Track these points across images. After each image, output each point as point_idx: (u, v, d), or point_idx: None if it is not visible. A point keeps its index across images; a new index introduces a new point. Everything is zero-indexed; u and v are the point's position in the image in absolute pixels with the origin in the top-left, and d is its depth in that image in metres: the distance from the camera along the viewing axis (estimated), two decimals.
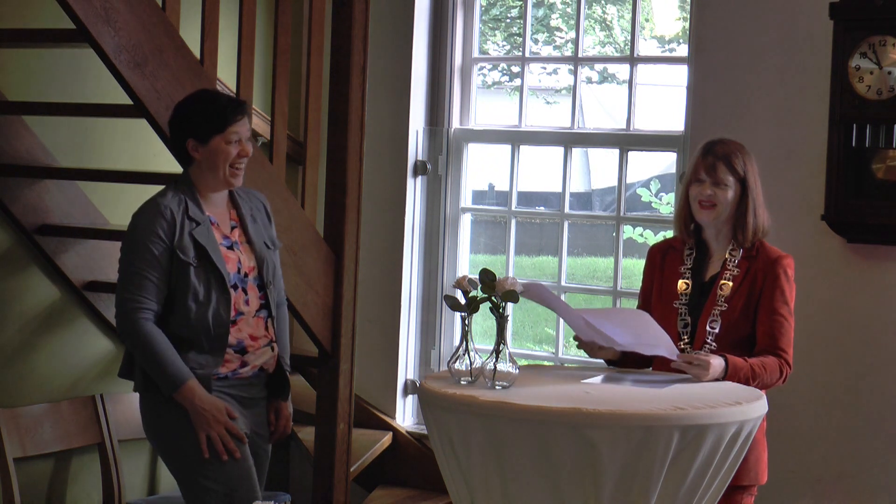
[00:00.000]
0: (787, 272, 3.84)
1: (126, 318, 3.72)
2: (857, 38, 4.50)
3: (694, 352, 3.78)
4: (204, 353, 3.76)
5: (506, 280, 3.52)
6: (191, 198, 3.80)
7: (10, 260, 4.73)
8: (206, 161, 3.80)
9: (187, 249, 3.74)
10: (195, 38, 4.36)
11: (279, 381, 4.01)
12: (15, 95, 4.67)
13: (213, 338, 3.76)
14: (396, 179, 5.61)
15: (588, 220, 7.92)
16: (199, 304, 3.74)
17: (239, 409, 3.84)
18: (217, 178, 3.82)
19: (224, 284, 3.78)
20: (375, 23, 4.99)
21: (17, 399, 4.72)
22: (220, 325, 3.76)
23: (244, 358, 3.85)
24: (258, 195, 4.05)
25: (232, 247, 3.86)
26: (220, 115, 3.78)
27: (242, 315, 3.83)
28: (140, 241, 3.73)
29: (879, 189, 4.51)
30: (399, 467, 5.59)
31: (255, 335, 3.87)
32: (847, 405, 4.72)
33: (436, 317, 5.67)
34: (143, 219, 3.76)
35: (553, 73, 9.90)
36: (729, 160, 3.83)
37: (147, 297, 3.72)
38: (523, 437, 3.28)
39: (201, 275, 3.75)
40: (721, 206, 3.83)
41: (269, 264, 3.93)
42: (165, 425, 3.79)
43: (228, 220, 3.90)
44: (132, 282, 3.72)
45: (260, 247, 3.92)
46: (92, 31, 3.95)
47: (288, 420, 4.05)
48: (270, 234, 4.01)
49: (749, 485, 3.78)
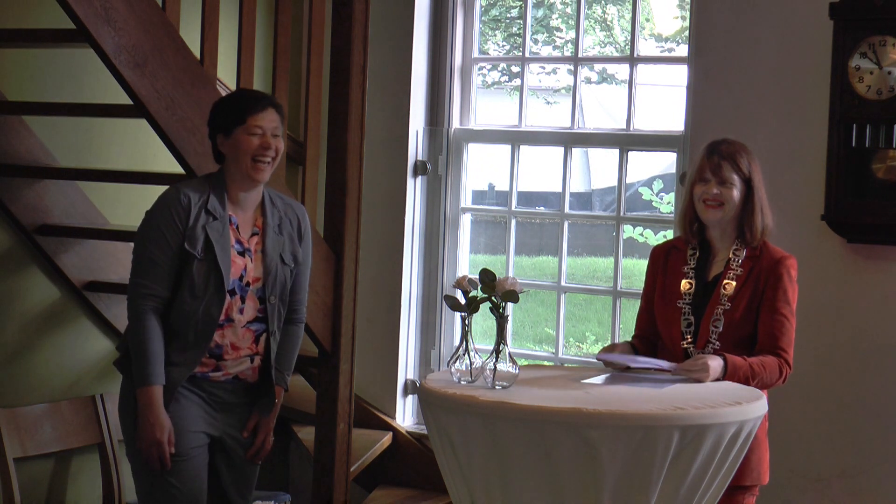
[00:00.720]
0: (791, 273, 3.84)
1: (133, 302, 3.73)
2: (857, 38, 4.50)
3: (696, 352, 3.79)
4: (186, 350, 3.74)
5: (506, 280, 3.53)
6: (216, 192, 3.78)
7: (10, 260, 4.73)
8: (231, 154, 3.79)
9: (196, 241, 3.72)
10: (195, 38, 4.36)
11: (265, 395, 3.91)
12: (15, 95, 4.67)
13: (198, 333, 3.74)
14: (396, 179, 5.61)
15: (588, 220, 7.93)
16: (195, 297, 3.72)
17: (210, 411, 3.81)
18: (241, 171, 3.78)
19: (222, 285, 3.75)
20: (375, 23, 4.99)
21: (17, 399, 4.72)
22: (208, 323, 3.74)
23: (221, 363, 3.81)
24: (298, 208, 3.98)
25: (244, 253, 3.81)
26: (241, 107, 3.78)
27: (231, 322, 3.78)
28: (155, 226, 3.73)
29: (879, 189, 4.51)
30: (399, 467, 5.58)
31: (238, 346, 3.81)
32: (848, 405, 4.71)
33: (436, 317, 5.67)
34: (160, 205, 3.76)
35: (552, 72, 9.91)
36: (734, 159, 3.84)
37: (156, 282, 3.71)
38: (523, 437, 3.28)
39: (202, 269, 3.73)
40: (728, 205, 3.84)
41: (275, 278, 3.84)
42: (130, 408, 3.79)
43: (251, 226, 3.85)
44: (143, 266, 3.74)
45: (272, 259, 3.85)
46: (92, 31, 3.95)
47: (266, 436, 3.92)
48: (294, 249, 3.92)
49: (751, 485, 3.78)
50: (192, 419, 3.77)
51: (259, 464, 3.96)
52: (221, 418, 3.85)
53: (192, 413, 3.77)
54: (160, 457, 3.70)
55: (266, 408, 3.91)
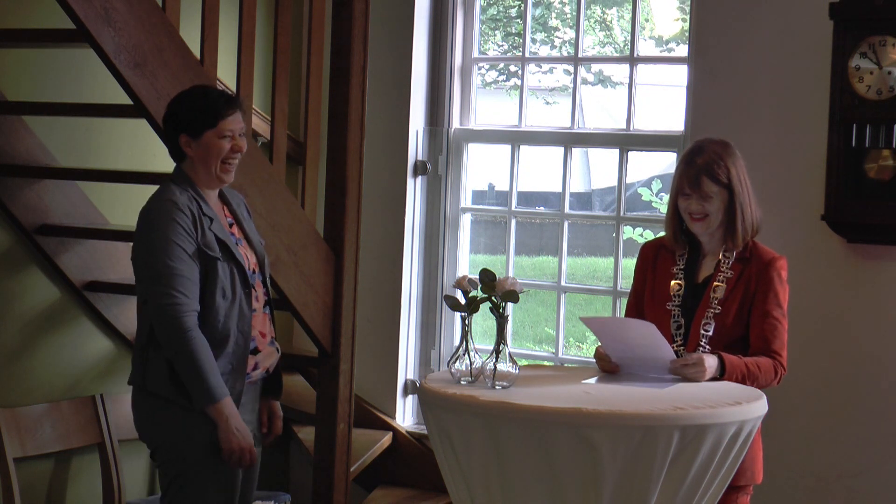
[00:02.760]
0: (781, 274, 3.84)
1: (173, 323, 3.59)
2: (857, 38, 4.50)
3: (686, 354, 3.78)
4: (228, 355, 3.70)
5: (506, 280, 3.53)
6: (196, 194, 3.75)
7: (10, 260, 4.73)
8: (199, 157, 3.74)
9: (212, 244, 3.69)
10: (195, 38, 4.36)
11: (274, 380, 4.00)
12: (15, 95, 4.67)
13: (241, 331, 3.72)
14: (396, 179, 5.61)
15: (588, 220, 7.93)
16: (227, 300, 3.70)
17: (248, 414, 3.83)
18: (209, 173, 3.76)
19: (246, 278, 3.75)
20: (375, 23, 4.99)
21: (17, 399, 4.72)
22: (244, 322, 3.74)
23: (256, 359, 3.83)
24: (237, 193, 4.00)
25: (237, 243, 3.84)
26: (212, 110, 3.72)
27: (254, 311, 3.81)
28: (167, 238, 3.61)
29: (880, 189, 4.51)
30: (399, 467, 5.58)
31: (264, 331, 3.86)
32: (846, 405, 4.72)
33: (436, 317, 5.68)
34: (162, 217, 3.65)
35: (549, 71, 9.90)
36: (711, 171, 3.79)
37: (189, 296, 3.61)
38: (523, 436, 3.28)
39: (226, 270, 3.72)
40: (711, 217, 3.82)
41: (265, 259, 3.92)
42: (162, 425, 3.74)
43: (225, 217, 3.88)
44: (169, 283, 3.59)
45: (257, 243, 3.91)
46: (92, 31, 3.95)
47: (281, 419, 4.04)
48: (255, 229, 3.99)
49: (745, 484, 3.78)
50: None
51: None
52: (248, 420, 3.86)
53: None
54: (249, 456, 3.71)
55: (277, 390, 3.99)
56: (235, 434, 3.65)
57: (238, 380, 3.74)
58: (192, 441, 3.70)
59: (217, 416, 3.64)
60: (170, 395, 3.68)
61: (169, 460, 3.77)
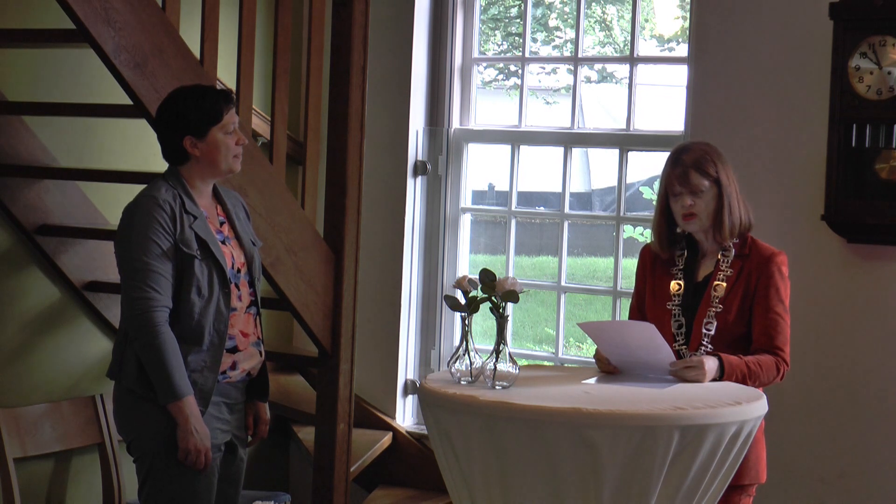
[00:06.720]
0: (781, 269, 3.84)
1: (142, 317, 3.64)
2: (857, 38, 4.50)
3: (689, 354, 3.78)
4: (202, 352, 3.74)
5: (506, 280, 3.53)
6: (183, 192, 3.77)
7: (10, 260, 4.73)
8: (206, 155, 3.77)
9: (190, 242, 3.71)
10: (195, 38, 4.36)
11: (260, 383, 3.98)
12: (15, 95, 4.67)
13: (216, 330, 3.74)
14: (396, 179, 5.61)
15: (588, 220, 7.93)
16: (202, 298, 3.72)
17: (222, 417, 3.82)
18: (218, 169, 3.79)
19: (225, 277, 3.76)
20: (375, 23, 4.99)
21: (17, 399, 4.72)
22: (221, 318, 3.75)
23: (234, 358, 3.83)
24: (235, 194, 4.02)
25: (224, 241, 3.85)
26: (215, 107, 3.76)
27: (235, 311, 3.81)
28: (144, 235, 3.66)
29: (880, 189, 4.51)
30: (399, 467, 5.59)
31: (246, 332, 3.86)
32: (847, 404, 4.72)
33: (436, 317, 5.68)
34: (141, 214, 3.69)
35: (552, 72, 9.90)
36: (699, 166, 3.80)
37: (161, 292, 3.65)
38: (523, 437, 3.28)
39: (203, 268, 3.73)
40: (702, 214, 3.82)
41: (256, 261, 3.93)
42: (134, 420, 3.76)
43: (216, 215, 3.88)
44: (143, 278, 3.65)
45: (247, 243, 3.91)
46: (92, 31, 3.95)
47: (267, 424, 4.02)
48: (251, 229, 3.99)
49: (748, 484, 3.77)
50: (211, 434, 3.78)
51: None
52: (232, 420, 3.87)
53: (211, 427, 3.77)
54: (205, 459, 3.71)
55: (263, 392, 3.99)
56: (194, 434, 3.67)
57: (209, 378, 3.75)
58: (160, 437, 3.72)
59: (177, 413, 3.66)
60: (139, 389, 3.72)
61: (142, 455, 3.79)
